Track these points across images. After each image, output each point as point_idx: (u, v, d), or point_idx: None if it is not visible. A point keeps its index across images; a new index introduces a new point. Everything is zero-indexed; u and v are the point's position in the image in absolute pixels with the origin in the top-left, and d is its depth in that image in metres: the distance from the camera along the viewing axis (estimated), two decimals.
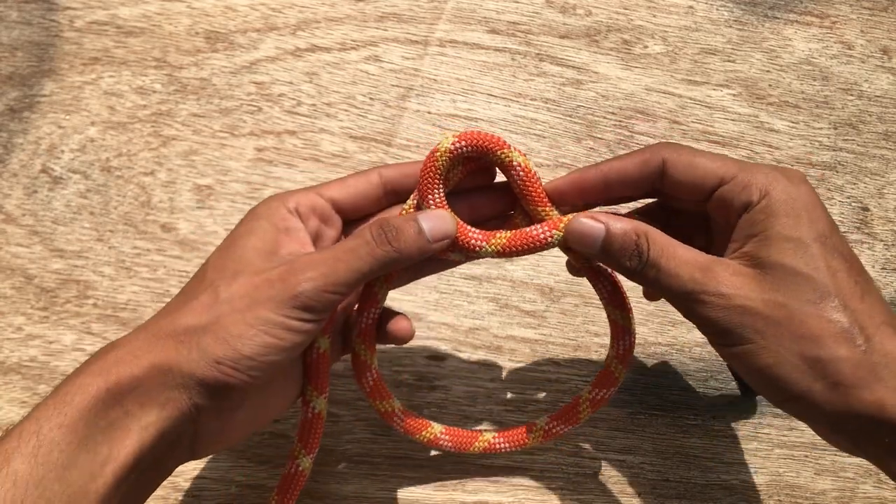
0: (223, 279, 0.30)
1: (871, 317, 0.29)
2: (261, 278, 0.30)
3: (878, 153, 0.50)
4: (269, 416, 0.34)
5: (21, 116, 0.46)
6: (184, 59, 0.48)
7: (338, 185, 0.35)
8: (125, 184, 0.45)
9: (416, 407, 0.43)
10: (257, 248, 0.31)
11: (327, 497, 0.41)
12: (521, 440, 0.39)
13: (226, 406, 0.30)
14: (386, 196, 0.35)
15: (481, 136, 0.32)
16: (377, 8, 0.50)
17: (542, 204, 0.34)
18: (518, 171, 0.33)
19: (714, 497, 0.43)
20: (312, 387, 0.35)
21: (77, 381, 0.27)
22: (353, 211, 0.35)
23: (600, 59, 0.50)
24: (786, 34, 0.52)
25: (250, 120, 0.47)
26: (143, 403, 0.28)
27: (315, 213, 0.34)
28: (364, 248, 0.31)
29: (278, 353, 0.29)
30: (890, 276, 0.48)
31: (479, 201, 0.36)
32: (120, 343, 0.29)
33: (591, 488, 0.42)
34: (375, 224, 0.31)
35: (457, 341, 0.44)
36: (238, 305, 0.29)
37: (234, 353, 0.28)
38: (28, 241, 0.44)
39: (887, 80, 0.52)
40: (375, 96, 0.48)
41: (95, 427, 0.27)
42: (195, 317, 0.29)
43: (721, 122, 0.50)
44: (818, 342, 0.28)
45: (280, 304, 0.29)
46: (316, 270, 0.30)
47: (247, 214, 0.33)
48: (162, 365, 0.28)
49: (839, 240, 0.30)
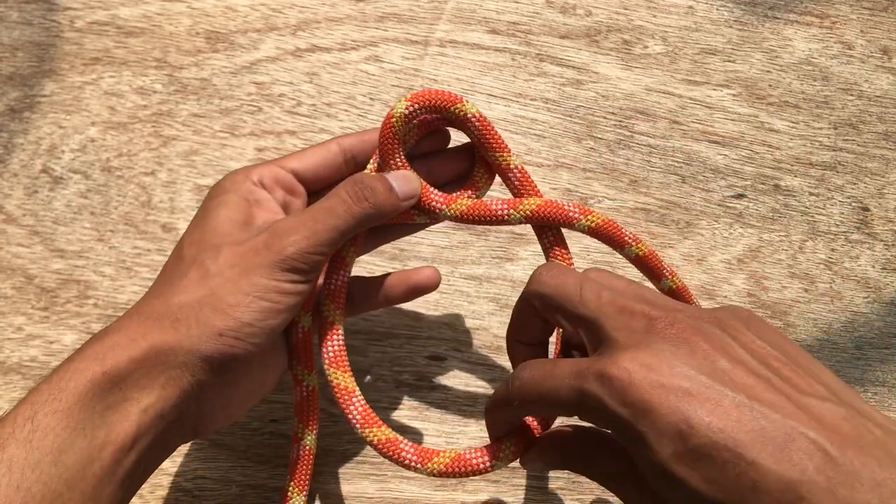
0: (207, 252, 0.30)
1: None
2: (245, 247, 0.30)
3: (879, 153, 0.50)
4: (266, 389, 0.35)
5: (21, 116, 0.46)
6: (184, 59, 0.48)
7: (297, 156, 0.35)
8: (126, 184, 0.45)
9: (417, 407, 0.43)
10: (233, 220, 0.32)
11: (327, 497, 0.41)
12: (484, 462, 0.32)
13: (229, 379, 0.30)
14: (346, 164, 0.36)
15: (433, 93, 0.33)
16: (377, 8, 0.50)
17: (501, 150, 0.35)
18: (473, 122, 0.34)
19: None
20: (302, 365, 0.35)
21: (72, 367, 0.27)
22: (315, 181, 0.35)
23: (600, 60, 0.50)
24: (786, 34, 0.52)
25: (251, 120, 0.47)
26: (142, 386, 0.28)
27: (279, 185, 0.34)
28: (341, 207, 0.31)
29: (276, 316, 0.30)
30: (890, 277, 0.48)
31: (437, 165, 0.36)
32: (114, 328, 0.29)
33: (592, 488, 0.42)
34: (349, 183, 0.32)
35: (457, 341, 0.44)
36: (230, 275, 0.29)
37: (234, 321, 0.29)
38: (29, 241, 0.44)
39: (887, 80, 0.52)
40: (376, 96, 0.48)
41: (92, 411, 0.26)
42: (188, 293, 0.29)
43: (721, 122, 0.50)
44: (603, 376, 0.26)
45: (270, 268, 0.30)
46: (298, 233, 0.30)
47: (212, 189, 0.34)
48: (161, 346, 0.28)
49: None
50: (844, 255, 0.48)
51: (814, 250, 0.48)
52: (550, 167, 0.48)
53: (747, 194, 0.49)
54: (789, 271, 0.47)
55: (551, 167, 0.48)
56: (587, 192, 0.48)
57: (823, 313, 0.47)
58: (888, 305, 0.47)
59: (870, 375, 0.46)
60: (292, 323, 0.34)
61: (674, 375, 0.23)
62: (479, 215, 0.34)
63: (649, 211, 0.48)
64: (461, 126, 0.34)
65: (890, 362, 0.46)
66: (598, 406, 0.24)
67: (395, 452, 0.33)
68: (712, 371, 0.24)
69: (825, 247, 0.48)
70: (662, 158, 0.49)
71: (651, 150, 0.49)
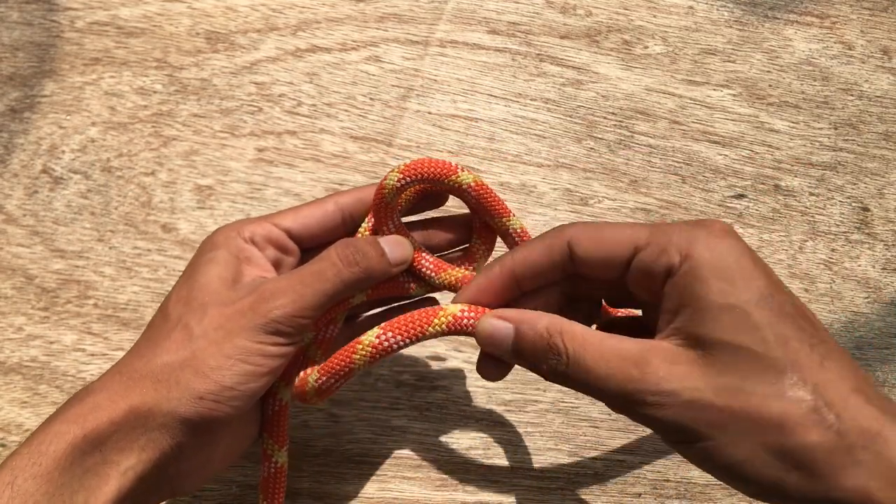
0: (192, 313, 0.30)
1: (837, 386, 0.24)
2: (231, 309, 0.30)
3: (879, 153, 0.50)
4: (246, 444, 0.34)
5: (22, 117, 0.46)
6: (184, 59, 0.48)
7: (292, 214, 0.34)
8: (126, 184, 0.45)
9: (417, 407, 0.43)
10: (222, 277, 0.31)
11: (327, 497, 0.41)
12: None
13: (208, 440, 0.30)
14: (344, 223, 0.35)
15: (426, 164, 0.32)
16: (377, 8, 0.50)
17: (501, 215, 0.34)
18: (470, 192, 0.33)
19: (714, 497, 0.43)
20: (273, 440, 0.34)
21: (52, 429, 0.26)
22: (309, 239, 0.34)
23: (600, 60, 0.50)
24: (786, 34, 0.52)
25: (251, 120, 0.47)
26: (122, 448, 0.27)
27: (270, 243, 0.33)
28: (331, 270, 0.31)
29: (257, 379, 0.30)
30: (890, 277, 0.48)
31: (435, 232, 0.36)
32: (95, 388, 0.28)
33: (591, 488, 0.42)
34: (340, 246, 0.31)
35: (457, 341, 0.44)
36: (214, 337, 0.29)
37: (215, 385, 0.28)
38: (29, 241, 0.44)
39: (887, 80, 0.52)
40: (376, 96, 0.48)
41: (72, 475, 0.26)
42: (170, 354, 0.29)
43: (721, 123, 0.50)
44: (784, 429, 0.24)
45: (254, 331, 0.29)
46: (285, 297, 0.30)
47: (203, 244, 0.33)
48: (141, 407, 0.28)
49: (784, 297, 0.26)
50: (844, 256, 0.48)
51: (814, 250, 0.48)
52: (550, 167, 0.48)
53: (747, 194, 0.49)
54: (789, 271, 0.47)
55: (551, 167, 0.48)
56: (587, 192, 0.48)
57: (824, 313, 0.47)
58: (888, 305, 0.47)
59: (870, 375, 0.46)
60: (270, 393, 0.34)
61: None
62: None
63: (649, 211, 0.48)
64: (458, 195, 0.34)
65: (890, 362, 0.46)
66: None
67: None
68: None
69: (825, 247, 0.48)
70: (663, 159, 0.49)
71: (651, 150, 0.49)
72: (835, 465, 0.24)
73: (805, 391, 0.24)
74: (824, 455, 0.24)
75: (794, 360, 0.25)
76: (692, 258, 0.26)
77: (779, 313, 0.25)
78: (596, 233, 0.29)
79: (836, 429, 0.24)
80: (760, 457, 0.25)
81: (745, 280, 0.25)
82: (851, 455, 0.24)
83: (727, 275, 0.25)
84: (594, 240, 0.28)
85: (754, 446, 0.25)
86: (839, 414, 0.24)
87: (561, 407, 0.43)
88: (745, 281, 0.25)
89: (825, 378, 0.25)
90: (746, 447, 0.25)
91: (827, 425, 0.24)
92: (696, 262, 0.26)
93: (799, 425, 0.24)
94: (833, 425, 0.24)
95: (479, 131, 0.48)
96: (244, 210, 0.46)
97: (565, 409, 0.43)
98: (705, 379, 0.25)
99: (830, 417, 0.24)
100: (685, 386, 0.25)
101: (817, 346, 0.25)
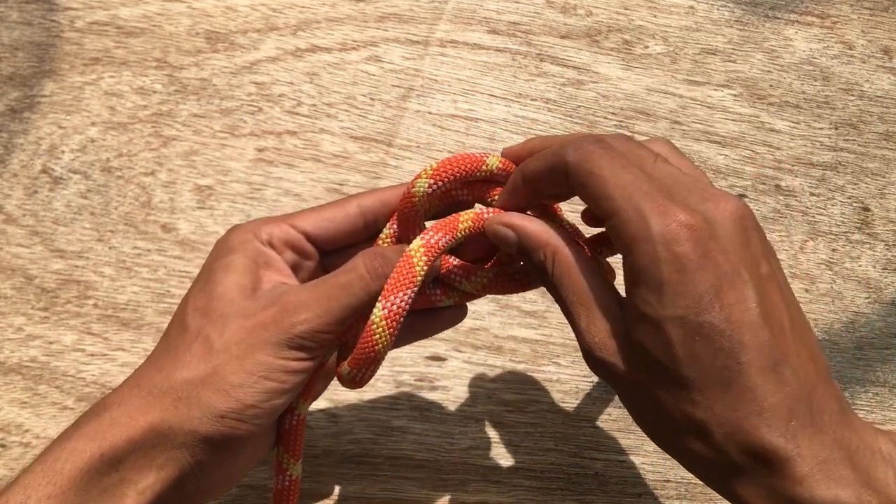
0: (212, 325, 0.29)
1: (735, 410, 0.24)
2: (253, 322, 0.29)
3: (879, 153, 0.50)
4: (264, 452, 0.34)
5: (22, 117, 0.46)
6: (184, 59, 0.48)
7: (313, 216, 0.32)
8: (126, 184, 0.45)
9: (417, 407, 0.43)
10: (240, 285, 0.30)
11: (327, 497, 0.41)
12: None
13: (227, 457, 0.29)
14: (366, 228, 0.33)
15: (455, 163, 0.30)
16: (377, 8, 0.50)
17: None
18: (500, 174, 0.32)
19: (714, 497, 0.43)
20: (289, 453, 0.33)
21: (68, 446, 0.26)
22: (327, 243, 0.33)
23: (601, 60, 0.50)
24: (787, 34, 0.52)
25: (251, 120, 0.47)
26: (140, 467, 0.27)
27: (289, 246, 0.32)
28: (358, 283, 0.29)
29: (280, 396, 0.29)
30: (891, 277, 0.48)
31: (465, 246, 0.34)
32: (112, 402, 0.28)
33: (591, 488, 0.42)
34: (368, 256, 0.30)
35: (457, 341, 0.44)
36: (235, 352, 0.28)
37: (237, 404, 0.28)
38: (28, 241, 0.44)
39: (888, 80, 0.52)
40: (376, 96, 0.48)
41: (87, 496, 0.25)
42: (191, 369, 0.28)
43: (722, 123, 0.50)
44: (675, 431, 0.26)
45: (277, 346, 0.28)
46: (310, 311, 0.29)
47: (217, 247, 0.32)
48: (160, 426, 0.27)
49: (721, 310, 0.25)
50: (845, 256, 0.48)
51: (814, 250, 0.48)
52: None
53: (748, 194, 0.48)
54: (790, 271, 0.47)
55: None
56: None
57: (824, 313, 0.47)
58: (889, 306, 0.47)
59: (870, 375, 0.46)
60: (288, 408, 0.32)
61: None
62: (503, 286, 0.33)
63: None
64: (489, 181, 0.32)
65: (891, 362, 0.46)
66: None
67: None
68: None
69: (826, 247, 0.48)
70: None
71: None
72: (720, 480, 0.26)
73: (698, 411, 0.25)
74: (709, 467, 0.26)
75: (699, 380, 0.25)
76: (632, 256, 0.26)
77: (697, 332, 0.25)
78: (588, 171, 0.27)
79: (719, 448, 0.25)
80: (661, 430, 0.29)
81: (674, 292, 0.25)
82: (736, 471, 0.25)
83: (656, 283, 0.25)
84: (584, 177, 0.27)
85: (655, 425, 0.29)
86: (729, 434, 0.25)
87: (561, 407, 0.43)
88: (675, 294, 0.25)
89: (724, 401, 0.25)
90: (648, 419, 0.29)
91: (709, 442, 0.25)
92: (633, 262, 0.26)
93: (685, 433, 0.26)
94: (711, 446, 0.25)
95: (479, 131, 0.48)
96: (244, 210, 0.45)
97: (565, 409, 0.43)
98: (622, 363, 0.27)
99: (711, 436, 0.25)
100: (605, 358, 0.28)
101: (740, 367, 0.25)
